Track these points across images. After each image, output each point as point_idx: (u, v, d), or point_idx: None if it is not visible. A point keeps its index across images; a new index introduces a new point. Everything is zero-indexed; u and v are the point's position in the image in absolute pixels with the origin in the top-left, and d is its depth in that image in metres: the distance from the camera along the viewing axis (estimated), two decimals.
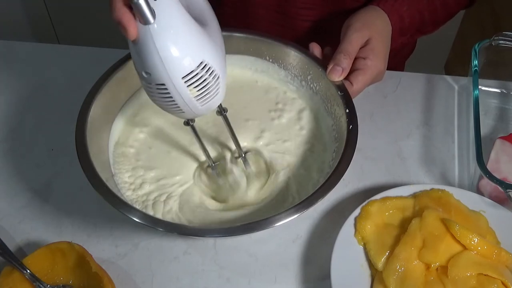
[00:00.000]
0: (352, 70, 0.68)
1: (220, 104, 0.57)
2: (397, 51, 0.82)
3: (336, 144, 0.67)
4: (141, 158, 0.69)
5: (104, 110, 0.67)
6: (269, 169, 0.68)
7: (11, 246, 0.65)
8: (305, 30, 0.85)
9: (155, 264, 0.65)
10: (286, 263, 0.65)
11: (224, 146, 0.70)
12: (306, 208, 0.57)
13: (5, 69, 0.86)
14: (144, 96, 0.73)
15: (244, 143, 0.70)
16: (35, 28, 1.84)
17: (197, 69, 0.49)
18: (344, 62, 0.67)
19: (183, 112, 0.53)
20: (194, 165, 0.68)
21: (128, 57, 0.69)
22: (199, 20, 0.53)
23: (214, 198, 0.67)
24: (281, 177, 0.67)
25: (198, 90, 0.51)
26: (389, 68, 0.73)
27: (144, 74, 0.50)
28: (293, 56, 0.72)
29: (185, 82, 0.50)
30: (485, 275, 0.60)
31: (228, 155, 0.68)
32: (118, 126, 0.70)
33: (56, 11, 1.78)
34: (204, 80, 0.51)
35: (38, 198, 0.70)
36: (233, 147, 0.67)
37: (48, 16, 1.79)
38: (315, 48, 0.71)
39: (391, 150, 0.76)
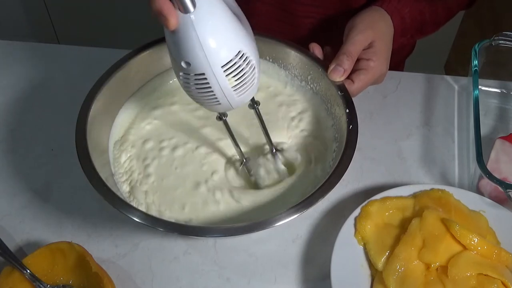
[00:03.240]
0: (354, 70, 0.68)
1: (253, 97, 0.58)
2: (397, 51, 0.83)
3: (336, 144, 0.67)
4: (140, 158, 0.69)
5: (104, 110, 0.67)
6: (292, 167, 0.68)
7: (11, 246, 0.65)
8: (306, 27, 0.85)
9: (155, 264, 0.65)
10: (286, 263, 0.65)
11: (247, 143, 0.70)
12: (306, 208, 0.57)
13: (5, 69, 0.86)
14: (143, 96, 0.73)
15: (248, 142, 0.70)
16: (35, 28, 1.85)
17: (235, 58, 0.50)
18: (346, 63, 0.67)
19: (219, 103, 0.53)
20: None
21: (128, 57, 0.69)
22: (233, 12, 0.53)
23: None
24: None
25: (236, 80, 0.52)
26: (389, 67, 0.73)
27: (183, 65, 0.50)
28: (293, 56, 0.72)
29: (224, 71, 0.50)
30: (485, 275, 0.60)
31: (258, 151, 0.68)
32: (118, 126, 0.70)
33: (56, 11, 1.78)
34: (242, 69, 0.52)
35: (38, 198, 0.71)
36: (260, 142, 0.67)
37: (48, 16, 1.79)
38: (315, 48, 0.71)
39: (391, 150, 0.76)
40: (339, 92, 0.67)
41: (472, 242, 0.61)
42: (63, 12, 1.77)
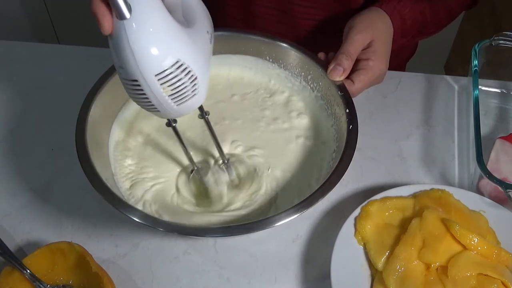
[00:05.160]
0: (354, 70, 0.68)
1: (202, 107, 0.56)
2: (398, 52, 0.82)
3: (336, 144, 0.67)
4: (140, 158, 0.69)
5: (104, 110, 0.67)
6: (252, 178, 0.67)
7: (11, 246, 0.65)
8: (305, 28, 0.85)
9: (155, 264, 0.65)
10: (286, 263, 0.65)
11: (209, 152, 0.69)
12: (306, 208, 0.57)
13: (5, 69, 0.86)
14: None
15: (238, 144, 0.70)
16: (35, 28, 1.84)
17: (171, 67, 0.48)
18: (345, 63, 0.67)
19: (159, 111, 0.51)
20: (178, 168, 0.68)
21: None
22: (186, 19, 0.52)
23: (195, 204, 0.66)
24: (266, 186, 0.66)
25: (172, 90, 0.50)
26: (390, 69, 0.73)
27: (119, 69, 0.49)
28: (293, 56, 0.72)
29: (158, 80, 0.48)
30: (485, 275, 0.60)
31: (211, 160, 0.68)
32: (118, 126, 0.70)
33: (56, 11, 1.78)
34: (179, 80, 0.49)
35: (38, 198, 0.70)
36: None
37: (48, 16, 1.79)
38: (322, 57, 0.71)
39: (391, 150, 0.76)
40: (339, 92, 0.67)
41: (472, 242, 0.61)
42: (63, 12, 1.77)
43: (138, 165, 0.68)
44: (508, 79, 0.82)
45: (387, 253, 0.62)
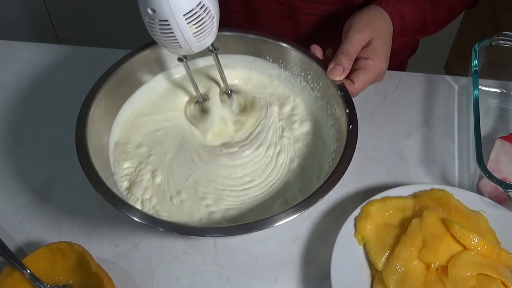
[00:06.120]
0: (354, 70, 0.68)
1: (212, 43, 0.63)
2: (399, 52, 0.82)
3: (336, 144, 0.67)
4: (140, 157, 0.69)
5: (104, 110, 0.67)
6: (254, 108, 0.73)
7: (11, 246, 0.65)
8: (308, 24, 0.85)
9: (155, 264, 0.65)
10: (286, 263, 0.65)
11: (214, 82, 0.75)
12: (306, 208, 0.57)
13: (5, 69, 0.86)
14: (143, 95, 0.73)
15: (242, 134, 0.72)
16: (35, 28, 1.85)
17: (196, 7, 0.56)
18: (345, 62, 0.67)
19: (181, 47, 0.60)
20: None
21: (127, 57, 0.69)
22: None
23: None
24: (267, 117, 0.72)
25: (197, 28, 0.58)
26: (391, 68, 0.73)
27: (149, 11, 0.56)
28: (293, 56, 0.72)
29: (186, 19, 0.56)
30: (485, 275, 0.60)
31: (216, 90, 0.74)
32: (118, 126, 0.70)
33: (56, 11, 1.78)
34: (202, 18, 0.58)
35: (38, 198, 0.71)
36: (221, 83, 0.72)
37: (48, 16, 1.79)
38: (317, 50, 0.71)
39: (391, 150, 0.76)
40: (339, 92, 0.67)
41: (472, 242, 0.61)
42: (63, 12, 1.77)
43: (137, 166, 0.68)
44: (508, 79, 0.82)
45: (387, 253, 0.62)
